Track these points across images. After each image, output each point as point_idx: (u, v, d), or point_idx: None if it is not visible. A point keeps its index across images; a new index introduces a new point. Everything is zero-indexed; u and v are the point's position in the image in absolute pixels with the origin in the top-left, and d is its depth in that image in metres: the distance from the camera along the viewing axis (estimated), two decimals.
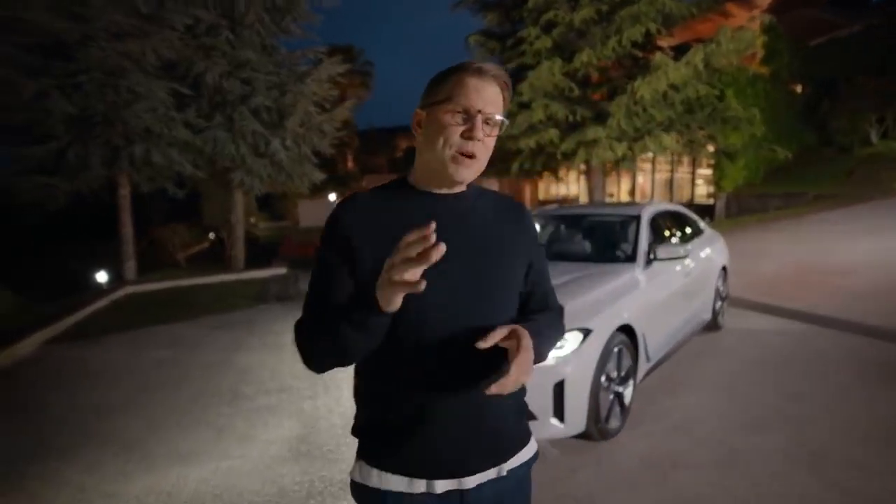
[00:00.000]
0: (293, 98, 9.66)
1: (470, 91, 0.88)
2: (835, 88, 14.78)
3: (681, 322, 3.86)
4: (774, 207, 11.70)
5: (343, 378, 3.92)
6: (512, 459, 0.99)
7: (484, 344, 0.83)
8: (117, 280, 8.78)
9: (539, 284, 1.06)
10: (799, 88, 16.41)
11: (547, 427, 2.54)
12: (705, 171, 16.07)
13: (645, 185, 18.54)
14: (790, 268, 6.85)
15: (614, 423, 2.85)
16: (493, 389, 0.82)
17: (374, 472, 0.95)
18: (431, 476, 0.93)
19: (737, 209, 12.77)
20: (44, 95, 7.15)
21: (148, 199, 13.10)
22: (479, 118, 0.88)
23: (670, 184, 16.57)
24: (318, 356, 0.90)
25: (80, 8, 7.10)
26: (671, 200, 15.29)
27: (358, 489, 0.99)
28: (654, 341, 3.33)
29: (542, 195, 24.41)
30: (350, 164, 25.10)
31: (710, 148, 10.97)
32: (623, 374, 2.93)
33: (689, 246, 3.56)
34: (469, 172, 0.91)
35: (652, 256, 3.54)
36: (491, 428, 0.95)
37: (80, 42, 7.23)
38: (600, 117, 10.62)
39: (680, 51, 10.23)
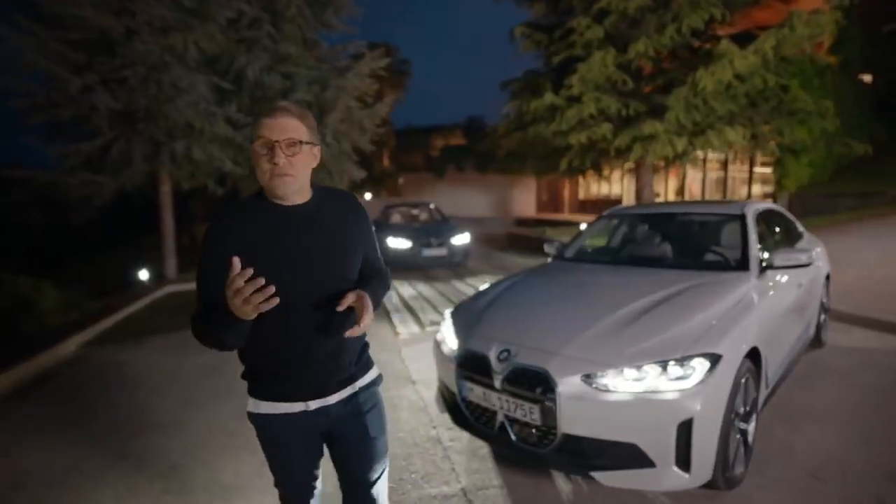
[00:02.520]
0: (334, 93, 9.37)
1: (264, 129, 1.20)
2: None
3: (794, 340, 3.29)
4: (847, 208, 10.69)
5: (402, 406, 3.53)
6: (360, 380, 1.42)
7: (341, 307, 1.24)
8: (159, 279, 8.69)
9: (369, 256, 1.44)
10: (868, 79, 15.14)
11: (667, 477, 2.04)
12: (762, 170, 15.01)
13: (693, 184, 17.54)
14: (883, 276, 6.06)
15: (739, 467, 2.33)
16: (348, 333, 1.25)
17: (264, 403, 1.33)
18: (306, 399, 1.32)
19: (801, 210, 11.77)
20: (89, 91, 7.06)
21: (189, 196, 13.15)
22: (277, 147, 1.18)
23: (724, 183, 15.57)
24: (212, 345, 1.24)
25: (125, 2, 6.98)
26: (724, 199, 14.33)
27: (255, 418, 1.37)
28: (773, 364, 2.79)
29: (582, 195, 23.58)
30: (386, 162, 24.94)
31: (776, 143, 10.08)
32: (748, 407, 2.41)
33: (814, 253, 2.99)
34: (287, 187, 1.22)
35: (765, 264, 2.99)
36: (345, 362, 1.37)
37: (125, 36, 7.11)
38: (655, 111, 9.93)
39: (738, 40, 9.40)
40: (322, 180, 9.99)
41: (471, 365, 2.50)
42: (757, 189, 14.83)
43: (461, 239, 9.51)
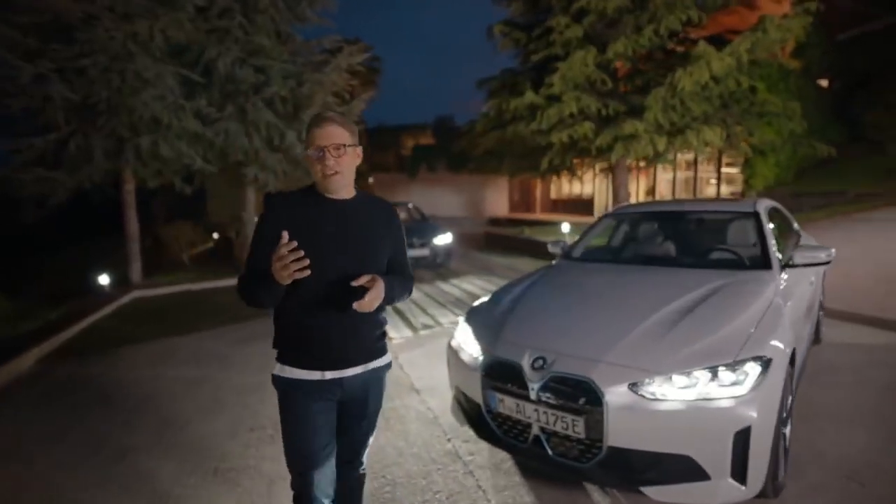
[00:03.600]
0: (311, 88, 9.00)
1: (314, 137, 1.46)
2: (868, 84, 14.22)
3: (808, 338, 3.27)
4: (812, 207, 11.11)
5: (409, 417, 3.32)
6: (373, 362, 1.61)
7: (356, 283, 1.43)
8: (123, 283, 8.10)
9: (398, 259, 1.67)
10: (825, 83, 15.84)
11: (723, 490, 1.91)
12: (728, 170, 15.49)
13: (661, 184, 17.94)
14: (864, 272, 6.25)
15: (780, 472, 2.24)
16: (356, 306, 1.42)
17: (287, 368, 1.53)
18: (323, 368, 1.52)
19: None
20: (42, 80, 6.48)
21: (149, 195, 12.44)
22: (327, 151, 1.45)
23: (693, 183, 15.98)
24: (248, 303, 1.49)
25: None
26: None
27: (277, 380, 1.56)
28: (799, 363, 2.73)
29: (554, 194, 23.81)
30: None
31: (748, 144, 10.37)
32: (787, 410, 2.33)
33: (833, 249, 2.96)
34: (336, 184, 1.50)
35: (786, 262, 2.93)
36: (360, 341, 1.57)
37: (83, 22, 6.56)
38: (633, 111, 10.02)
39: (711, 43, 9.59)
40: (300, 178, 9.62)
41: (500, 374, 2.31)
42: (724, 189, 15.30)
43: (443, 239, 9.32)
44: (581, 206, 21.18)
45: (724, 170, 15.48)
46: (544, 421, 2.14)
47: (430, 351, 4.58)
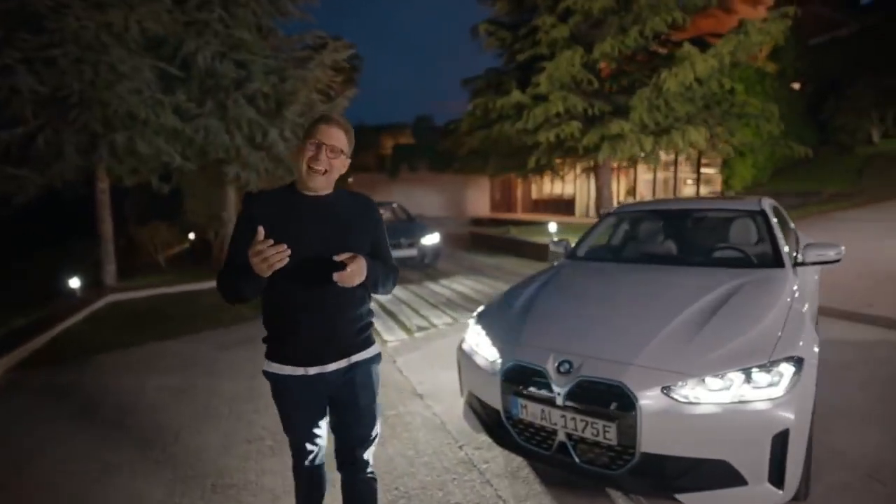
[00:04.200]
0: (294, 84, 8.76)
1: (318, 132, 1.51)
2: (838, 87, 14.71)
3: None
4: (789, 206, 11.38)
5: (416, 424, 3.19)
6: (355, 355, 1.62)
7: (337, 258, 1.43)
8: (96, 287, 7.70)
9: (380, 252, 1.67)
10: (798, 86, 16.33)
11: (760, 495, 1.85)
12: (707, 171, 15.79)
13: (641, 184, 18.19)
14: (846, 269, 6.38)
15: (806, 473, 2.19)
16: (336, 277, 1.41)
17: (274, 364, 1.58)
18: (305, 364, 1.56)
19: None
20: (8, 70, 6.09)
21: (121, 194, 11.92)
22: (325, 147, 1.51)
23: (674, 183, 16.24)
24: (228, 296, 1.52)
25: None
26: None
27: (267, 375, 1.61)
28: None
29: (535, 194, 23.92)
30: None
31: (729, 145, 10.56)
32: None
33: (843, 247, 2.95)
34: (318, 182, 1.53)
35: (797, 260, 2.92)
36: (339, 336, 1.58)
37: (53, 10, 6.19)
38: (619, 111, 10.10)
39: (691, 45, 9.74)
40: (282, 177, 9.37)
41: (522, 379, 2.20)
42: (703, 189, 15.59)
43: (431, 239, 9.18)
44: (563, 206, 21.33)
45: (703, 170, 15.78)
46: (571, 427, 2.04)
47: (427, 353, 4.45)
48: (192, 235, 14.56)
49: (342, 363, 1.59)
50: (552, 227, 9.92)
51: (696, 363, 1.97)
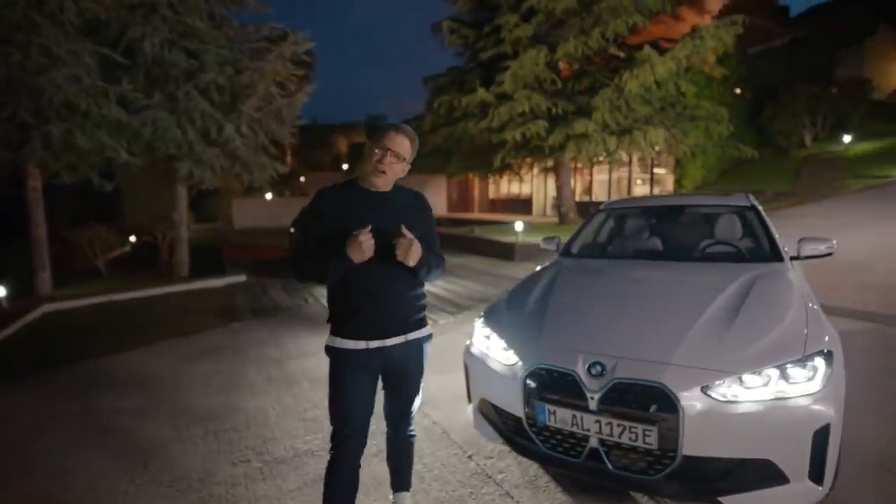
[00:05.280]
0: (251, 77, 8.26)
1: (386, 138, 1.71)
2: (774, 94, 15.72)
3: None
4: None
5: (416, 434, 2.99)
6: (412, 333, 1.82)
7: (395, 240, 1.65)
8: (28, 295, 6.91)
9: (429, 241, 1.83)
10: (739, 92, 17.35)
11: (802, 493, 1.80)
12: (659, 171, 16.45)
13: (596, 184, 18.72)
14: (803, 263, 6.75)
15: None
16: (399, 250, 1.64)
17: (338, 339, 1.76)
18: (367, 339, 1.74)
19: None
20: None
21: (50, 194, 10.89)
22: (390, 152, 1.71)
23: (628, 183, 16.80)
24: (309, 276, 1.75)
25: None
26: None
27: (330, 350, 1.79)
28: None
29: (492, 194, 24.09)
30: (289, 160, 23.15)
31: (684, 145, 11.00)
32: None
33: (834, 241, 3.03)
34: (380, 180, 1.74)
35: (793, 254, 2.97)
36: (399, 316, 1.79)
37: None
38: (581, 111, 10.27)
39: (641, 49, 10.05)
40: (239, 175, 8.86)
41: (549, 384, 2.07)
42: (656, 189, 16.22)
43: None
44: (520, 205, 21.60)
45: (655, 170, 16.43)
46: (607, 433, 1.92)
47: None
48: (132, 238, 13.53)
49: (400, 339, 1.79)
50: (518, 225, 9.91)
51: (732, 361, 1.91)
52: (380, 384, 1.88)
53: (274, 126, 9.14)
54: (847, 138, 15.84)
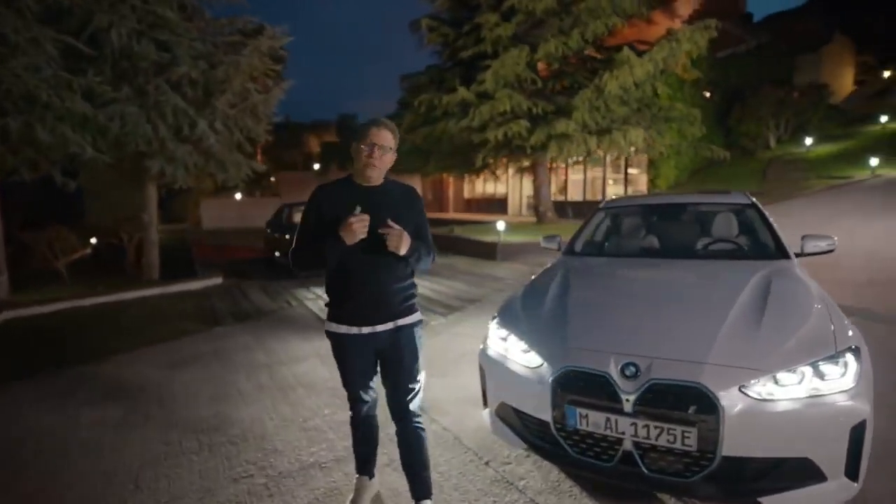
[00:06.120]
0: (225, 71, 7.92)
1: (370, 134, 1.85)
2: (741, 97, 16.28)
3: None
4: None
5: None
6: (401, 320, 1.93)
7: (382, 230, 1.77)
8: None
9: (421, 232, 1.96)
10: (708, 95, 17.90)
11: (838, 490, 1.79)
12: (633, 171, 16.78)
13: (571, 183, 18.95)
14: None
15: None
16: (388, 240, 1.76)
17: (333, 324, 1.93)
18: (359, 324, 1.89)
19: None
20: None
21: (7, 192, 10.20)
22: (376, 147, 1.84)
23: (602, 183, 17.07)
24: (309, 264, 1.89)
25: None
26: (602, 198, 15.59)
27: (328, 334, 1.96)
28: None
29: (467, 194, 24.10)
30: (260, 159, 22.45)
31: (660, 146, 11.24)
32: None
33: (835, 238, 3.09)
34: (373, 174, 1.88)
35: (798, 251, 3.01)
36: (387, 303, 1.91)
37: None
38: (561, 111, 10.33)
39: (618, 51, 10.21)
40: (213, 174, 8.51)
41: (580, 386, 2.00)
42: (630, 189, 16.54)
43: None
44: (495, 205, 21.68)
45: (629, 170, 16.75)
46: (643, 435, 1.86)
47: None
48: (93, 240, 12.84)
49: (389, 325, 1.91)
50: (500, 225, 9.89)
51: (766, 359, 1.88)
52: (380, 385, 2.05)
53: (250, 123, 8.82)
54: (809, 141, 16.63)
